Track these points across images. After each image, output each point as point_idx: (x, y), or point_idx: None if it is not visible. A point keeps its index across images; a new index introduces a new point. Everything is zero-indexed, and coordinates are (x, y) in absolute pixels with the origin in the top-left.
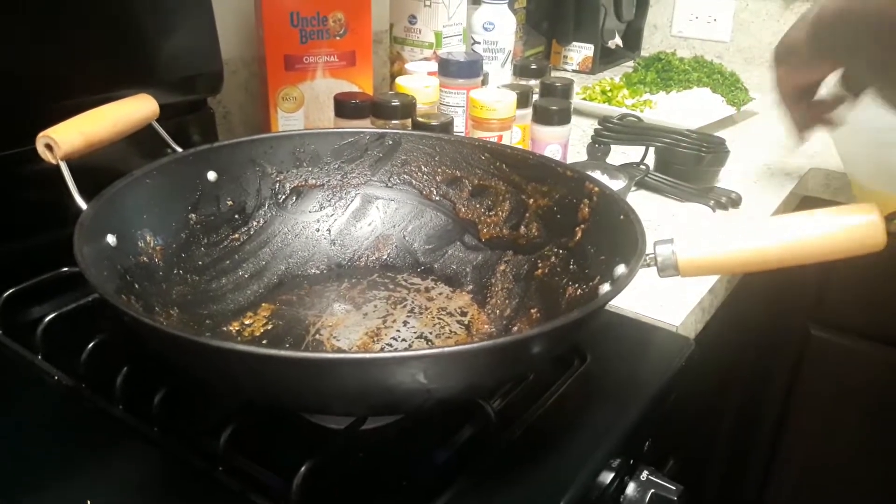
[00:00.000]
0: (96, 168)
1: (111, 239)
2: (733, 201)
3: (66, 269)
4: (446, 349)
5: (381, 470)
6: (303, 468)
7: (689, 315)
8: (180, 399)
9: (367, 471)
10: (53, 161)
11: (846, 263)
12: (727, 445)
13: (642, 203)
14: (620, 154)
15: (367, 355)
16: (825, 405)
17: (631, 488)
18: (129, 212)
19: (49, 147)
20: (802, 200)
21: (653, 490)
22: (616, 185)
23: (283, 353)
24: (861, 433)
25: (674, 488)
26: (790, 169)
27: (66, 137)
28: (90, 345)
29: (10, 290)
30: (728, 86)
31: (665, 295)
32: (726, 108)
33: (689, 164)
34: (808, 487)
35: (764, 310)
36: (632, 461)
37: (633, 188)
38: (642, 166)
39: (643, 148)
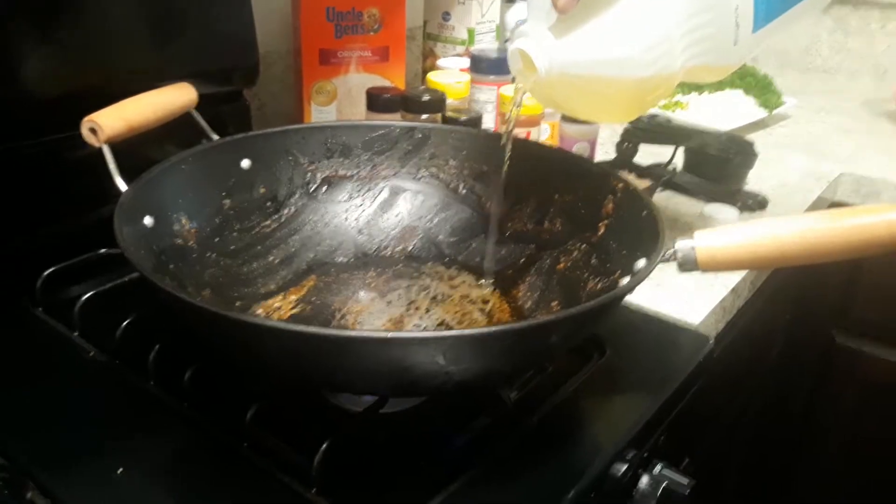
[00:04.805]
0: (136, 153)
1: (148, 220)
2: (760, 204)
3: (103, 250)
4: (465, 331)
5: (398, 452)
6: (323, 446)
7: (709, 314)
8: (209, 377)
9: (385, 452)
10: (97, 144)
11: (872, 270)
12: (748, 447)
13: (669, 203)
14: (649, 154)
15: (390, 334)
16: (850, 412)
17: (644, 481)
18: (166, 195)
19: (93, 131)
20: (831, 206)
21: (665, 483)
22: (642, 184)
23: (311, 329)
24: (887, 440)
25: (685, 482)
26: (820, 173)
27: (108, 122)
28: (124, 323)
29: (50, 270)
30: (760, 88)
31: (687, 294)
32: (758, 111)
33: (717, 166)
34: (832, 494)
35: (789, 314)
36: (646, 454)
37: (660, 188)
38: (670, 167)
39: (672, 148)
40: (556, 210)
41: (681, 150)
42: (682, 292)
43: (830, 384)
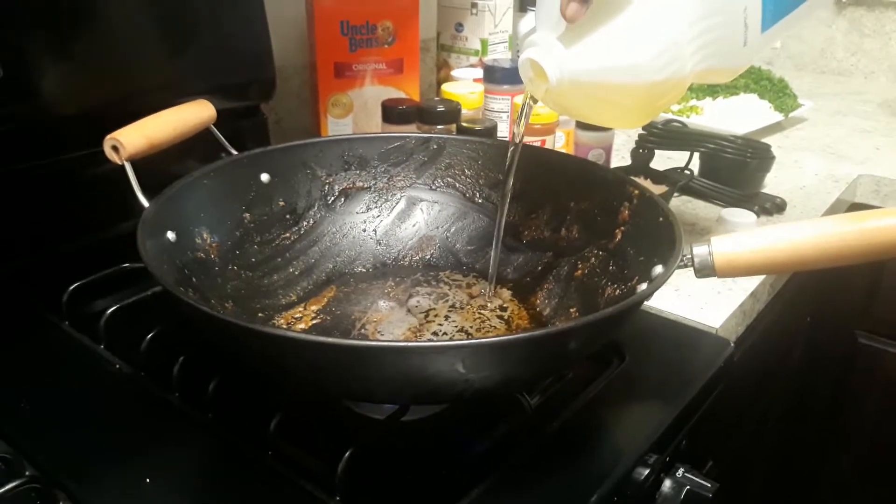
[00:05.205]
0: (157, 169)
1: (171, 235)
2: (778, 207)
3: (127, 264)
4: (485, 339)
5: (420, 459)
6: (346, 454)
7: (729, 318)
8: (233, 388)
9: (407, 459)
10: (119, 161)
11: (894, 270)
12: (772, 450)
13: (686, 208)
14: (665, 159)
15: (410, 343)
16: (873, 414)
17: (667, 485)
18: (187, 210)
19: (115, 148)
20: (850, 207)
21: (688, 487)
22: (658, 190)
23: (332, 340)
24: None
25: (709, 485)
26: (838, 175)
27: (130, 139)
28: (149, 335)
29: (76, 284)
30: (776, 92)
31: (706, 298)
32: (774, 115)
33: (734, 170)
34: (857, 497)
35: (810, 316)
36: (668, 459)
37: (677, 193)
38: (686, 171)
39: (688, 153)
40: (572, 217)
41: (697, 154)
42: (700, 297)
43: (853, 386)
